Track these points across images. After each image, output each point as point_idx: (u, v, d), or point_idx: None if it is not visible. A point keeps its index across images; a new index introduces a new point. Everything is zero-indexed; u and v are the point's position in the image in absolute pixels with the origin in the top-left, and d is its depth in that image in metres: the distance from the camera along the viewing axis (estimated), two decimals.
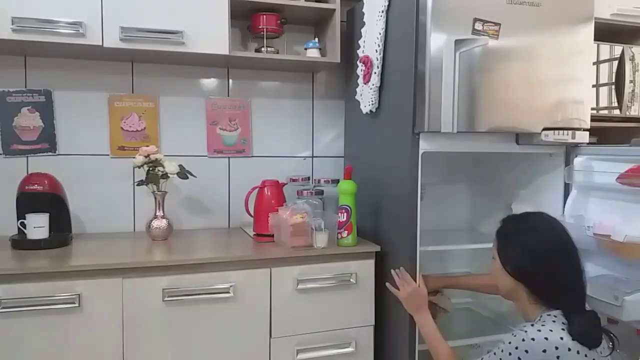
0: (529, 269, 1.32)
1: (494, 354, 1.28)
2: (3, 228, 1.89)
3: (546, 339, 1.21)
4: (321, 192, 2.09)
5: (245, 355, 1.72)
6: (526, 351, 1.21)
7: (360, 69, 1.99)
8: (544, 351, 1.20)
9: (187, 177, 1.97)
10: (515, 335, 1.25)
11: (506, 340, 1.27)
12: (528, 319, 1.34)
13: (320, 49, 2.15)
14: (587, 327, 1.24)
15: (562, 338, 1.21)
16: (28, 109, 2.01)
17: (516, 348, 1.23)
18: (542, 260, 1.30)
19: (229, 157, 2.27)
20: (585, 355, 1.21)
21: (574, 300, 1.29)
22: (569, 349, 1.20)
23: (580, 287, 1.31)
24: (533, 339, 1.21)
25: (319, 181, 2.13)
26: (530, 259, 1.31)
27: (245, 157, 2.29)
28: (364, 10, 1.97)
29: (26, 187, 1.81)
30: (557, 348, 1.20)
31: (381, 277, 1.85)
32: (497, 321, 2.00)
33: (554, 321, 1.25)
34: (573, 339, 1.21)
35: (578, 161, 1.82)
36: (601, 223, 1.67)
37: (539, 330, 1.23)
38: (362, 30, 1.98)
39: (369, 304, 1.87)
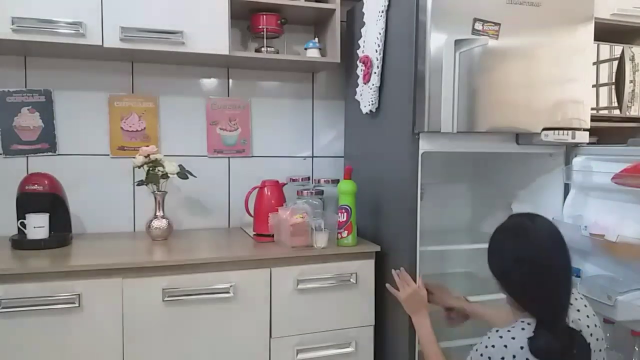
0: (499, 270, 1.29)
1: None
2: (3, 228, 1.89)
3: (505, 346, 1.18)
4: (321, 192, 2.09)
5: (245, 355, 1.72)
6: (489, 358, 1.20)
7: (360, 69, 1.99)
8: (502, 359, 1.17)
9: (187, 177, 1.97)
10: (482, 342, 1.24)
11: (475, 347, 1.26)
12: (513, 318, 1.31)
13: (320, 49, 2.15)
14: (549, 345, 1.16)
15: (522, 347, 1.17)
16: (28, 109, 2.01)
17: (481, 355, 1.22)
18: (513, 265, 1.24)
19: (229, 157, 2.28)
20: None
21: (545, 313, 1.21)
22: (527, 359, 1.16)
23: (555, 301, 1.21)
24: (493, 346, 1.20)
25: (319, 181, 2.13)
26: (502, 260, 1.28)
27: (245, 157, 2.29)
28: (364, 10, 1.97)
29: (26, 187, 1.81)
30: (514, 357, 1.17)
31: (381, 277, 1.85)
32: None
33: (523, 328, 1.21)
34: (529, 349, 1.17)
35: (577, 161, 1.82)
36: (596, 223, 1.68)
37: (501, 337, 1.20)
38: (362, 30, 1.98)
39: (369, 304, 1.87)
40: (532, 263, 1.22)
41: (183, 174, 1.96)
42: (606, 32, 2.11)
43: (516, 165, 2.06)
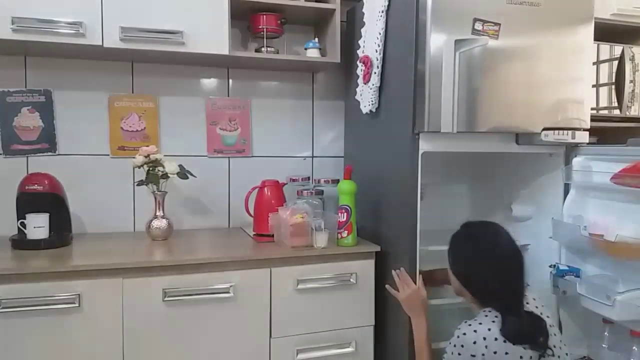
0: (465, 273, 1.45)
1: (443, 357, 1.41)
2: (3, 228, 1.89)
3: (475, 331, 1.33)
4: (321, 192, 2.09)
5: (245, 355, 1.73)
6: (462, 346, 1.34)
7: (360, 69, 1.99)
8: (474, 342, 1.32)
9: (187, 177, 1.97)
10: (454, 335, 1.38)
11: (449, 341, 1.39)
12: (473, 315, 1.44)
13: (320, 49, 2.15)
14: (518, 328, 1.32)
15: (489, 329, 1.32)
16: (28, 109, 2.01)
17: (454, 346, 1.36)
18: (474, 266, 1.42)
19: (229, 157, 2.28)
20: (513, 344, 1.30)
21: (509, 302, 1.36)
22: (496, 339, 1.30)
23: (516, 292, 1.39)
24: (465, 334, 1.34)
25: (319, 181, 2.13)
26: (467, 264, 1.45)
27: (245, 157, 2.29)
28: (364, 10, 1.97)
29: (26, 187, 1.81)
30: (484, 338, 1.31)
31: (381, 277, 1.85)
32: None
33: (486, 316, 1.37)
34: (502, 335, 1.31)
35: (576, 161, 1.82)
36: (595, 223, 1.68)
37: (470, 325, 1.35)
38: (362, 30, 1.98)
39: (369, 304, 1.87)
40: (496, 263, 1.39)
41: (183, 174, 1.96)
42: (606, 32, 2.11)
43: (516, 165, 2.05)
